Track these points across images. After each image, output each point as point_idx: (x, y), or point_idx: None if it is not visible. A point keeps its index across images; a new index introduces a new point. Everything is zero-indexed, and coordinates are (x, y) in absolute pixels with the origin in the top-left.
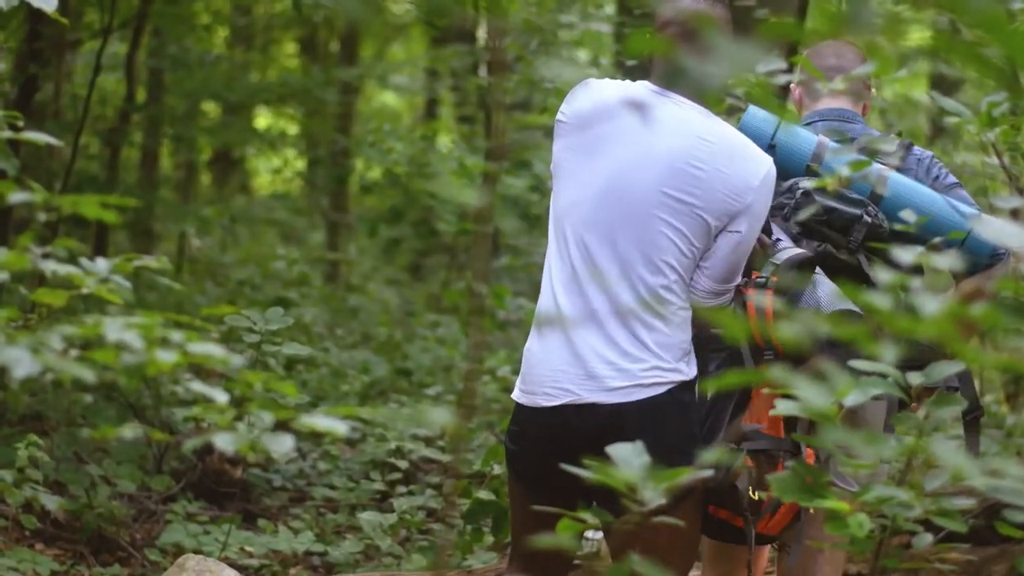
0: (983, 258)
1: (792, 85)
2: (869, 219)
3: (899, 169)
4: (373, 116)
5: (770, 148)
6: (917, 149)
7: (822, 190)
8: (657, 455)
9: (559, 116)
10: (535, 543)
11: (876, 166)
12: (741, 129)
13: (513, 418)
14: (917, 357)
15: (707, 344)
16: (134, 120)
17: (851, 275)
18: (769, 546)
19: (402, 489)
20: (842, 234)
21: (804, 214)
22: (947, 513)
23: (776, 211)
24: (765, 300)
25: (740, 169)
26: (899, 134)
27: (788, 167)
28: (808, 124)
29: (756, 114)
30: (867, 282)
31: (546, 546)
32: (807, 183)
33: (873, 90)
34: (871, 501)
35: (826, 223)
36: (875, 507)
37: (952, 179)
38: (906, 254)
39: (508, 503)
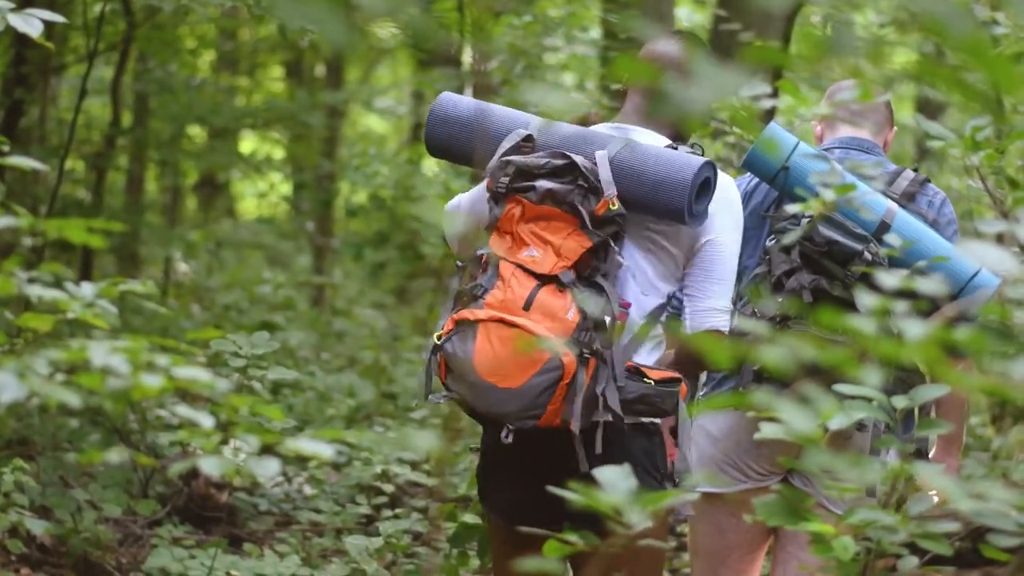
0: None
1: (813, 123)
2: (869, 256)
3: (906, 207)
4: (359, 140)
5: (783, 171)
6: (931, 188)
7: (828, 221)
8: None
9: None
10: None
11: (886, 203)
12: (754, 149)
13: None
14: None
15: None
16: (120, 144)
17: (842, 310)
18: (760, 563)
19: (388, 513)
20: (841, 267)
21: (791, 237)
22: (932, 536)
23: (778, 236)
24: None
25: None
26: (915, 169)
27: (800, 191)
28: (826, 150)
29: (770, 136)
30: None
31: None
32: (811, 212)
33: (895, 128)
34: (856, 524)
35: (827, 255)
36: (860, 530)
37: (953, 228)
38: (890, 278)
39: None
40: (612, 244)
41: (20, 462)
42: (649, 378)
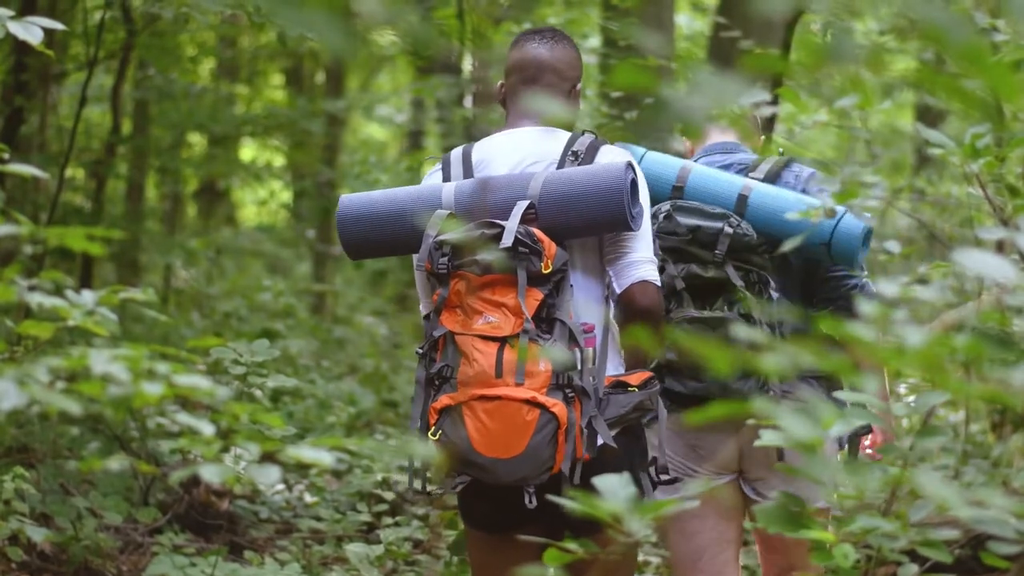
0: (855, 244)
1: (683, 140)
2: (731, 229)
3: (773, 183)
4: (359, 147)
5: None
6: (797, 166)
7: (682, 209)
8: None
9: None
10: None
11: (744, 180)
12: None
13: None
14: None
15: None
16: (120, 152)
17: (718, 290)
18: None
19: (388, 520)
20: (708, 249)
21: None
22: (932, 543)
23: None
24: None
25: None
26: (781, 153)
27: (654, 193)
28: (698, 159)
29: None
30: (735, 293)
31: None
32: (667, 206)
33: (763, 137)
34: (856, 531)
35: (693, 241)
36: (860, 537)
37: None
38: (890, 286)
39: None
40: (564, 282)
41: (20, 469)
42: (632, 386)
